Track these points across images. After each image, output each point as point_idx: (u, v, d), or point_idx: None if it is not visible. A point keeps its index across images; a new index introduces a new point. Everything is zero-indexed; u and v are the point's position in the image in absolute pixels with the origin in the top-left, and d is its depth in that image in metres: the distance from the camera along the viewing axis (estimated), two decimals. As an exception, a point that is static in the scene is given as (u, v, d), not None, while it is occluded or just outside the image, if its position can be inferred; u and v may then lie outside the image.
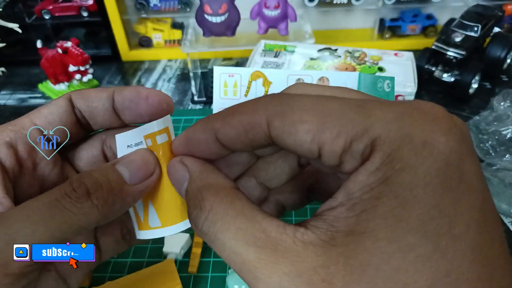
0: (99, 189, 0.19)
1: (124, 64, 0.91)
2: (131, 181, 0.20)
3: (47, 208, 0.18)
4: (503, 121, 0.63)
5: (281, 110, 0.16)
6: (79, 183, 0.19)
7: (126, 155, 0.21)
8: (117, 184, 0.20)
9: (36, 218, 0.18)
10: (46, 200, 0.18)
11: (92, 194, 0.19)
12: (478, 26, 0.72)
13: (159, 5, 0.88)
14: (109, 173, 0.20)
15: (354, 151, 0.15)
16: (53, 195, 0.18)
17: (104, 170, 0.20)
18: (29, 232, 0.17)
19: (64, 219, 0.18)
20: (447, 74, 0.74)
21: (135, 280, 0.41)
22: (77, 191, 0.19)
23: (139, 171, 0.21)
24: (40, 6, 0.89)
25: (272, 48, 0.65)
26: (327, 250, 0.14)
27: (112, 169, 0.20)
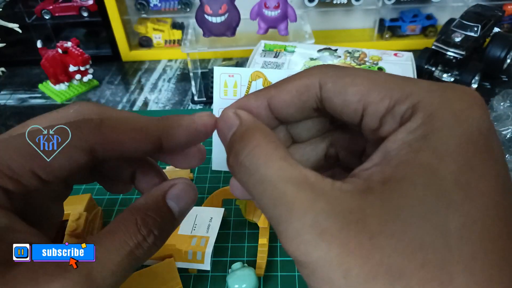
0: (162, 234, 0.20)
1: (124, 64, 0.91)
2: (178, 217, 0.21)
3: (127, 262, 0.19)
4: (503, 121, 0.63)
5: (335, 75, 0.18)
6: (148, 231, 0.19)
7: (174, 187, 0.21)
8: (170, 223, 0.21)
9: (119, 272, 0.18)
10: (125, 252, 0.19)
11: (158, 240, 0.20)
12: (478, 26, 0.72)
13: (159, 5, 0.88)
14: (165, 213, 0.21)
15: (396, 112, 0.16)
16: (128, 246, 0.19)
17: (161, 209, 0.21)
18: (112, 284, 0.18)
19: (136, 267, 0.19)
20: (447, 74, 0.74)
21: (135, 280, 0.41)
22: (148, 241, 0.19)
23: (186, 207, 0.22)
24: (40, 6, 0.89)
25: (272, 48, 0.65)
26: (363, 195, 0.15)
27: (165, 207, 0.21)
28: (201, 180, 0.56)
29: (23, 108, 0.78)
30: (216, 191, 0.52)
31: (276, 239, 0.47)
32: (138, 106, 0.77)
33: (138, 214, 0.20)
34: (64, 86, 0.81)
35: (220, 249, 0.47)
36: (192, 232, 0.46)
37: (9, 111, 0.78)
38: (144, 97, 0.80)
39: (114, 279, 0.18)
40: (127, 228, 0.19)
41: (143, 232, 0.19)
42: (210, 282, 0.44)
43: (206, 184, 0.56)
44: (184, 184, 0.22)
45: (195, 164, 0.24)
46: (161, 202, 0.21)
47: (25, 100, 0.81)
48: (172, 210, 0.21)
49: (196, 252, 0.44)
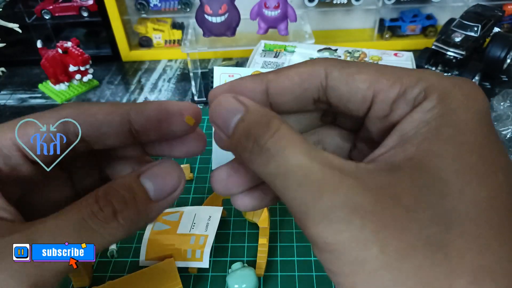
0: (125, 209, 0.18)
1: (124, 64, 0.91)
2: (155, 198, 0.20)
3: (75, 228, 0.17)
4: (503, 121, 0.63)
5: (340, 64, 0.18)
6: (106, 201, 0.18)
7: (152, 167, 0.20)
8: (142, 201, 0.19)
9: (63, 239, 0.17)
10: (74, 219, 0.18)
11: (119, 214, 0.18)
12: (478, 26, 0.72)
13: (159, 5, 0.88)
14: (135, 189, 0.19)
15: (408, 96, 0.16)
16: (79, 214, 0.18)
17: (130, 185, 0.19)
18: None
19: (90, 239, 0.18)
20: (447, 74, 0.74)
21: (135, 280, 0.41)
22: (104, 211, 0.18)
23: (164, 186, 0.20)
24: (40, 6, 0.89)
25: (272, 48, 0.65)
26: (391, 173, 0.15)
27: (137, 184, 0.19)
28: (201, 180, 0.56)
29: (23, 108, 0.78)
30: (216, 191, 0.52)
31: (277, 239, 0.47)
32: (138, 106, 0.77)
33: (102, 189, 0.19)
34: (64, 86, 0.81)
35: (220, 249, 0.47)
36: (190, 230, 0.46)
37: (9, 111, 0.78)
38: (144, 97, 0.80)
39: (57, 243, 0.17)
40: (85, 199, 0.18)
41: (100, 203, 0.18)
42: (210, 282, 0.44)
43: (206, 184, 0.56)
44: (164, 162, 0.20)
45: (195, 151, 0.22)
46: (132, 180, 0.19)
47: (25, 100, 0.81)
48: (146, 188, 0.19)
49: (195, 250, 0.44)
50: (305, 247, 0.47)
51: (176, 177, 0.20)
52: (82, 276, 0.42)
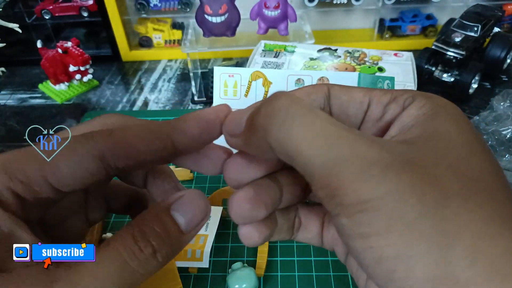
0: (163, 247, 0.19)
1: (125, 64, 0.91)
2: (186, 230, 0.20)
3: (119, 273, 0.17)
4: (503, 121, 0.63)
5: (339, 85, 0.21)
6: (146, 242, 0.18)
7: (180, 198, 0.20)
8: (176, 236, 0.19)
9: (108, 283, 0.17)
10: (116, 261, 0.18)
11: (157, 253, 0.18)
12: (478, 26, 0.72)
13: (159, 5, 0.88)
14: (168, 225, 0.19)
15: (399, 100, 0.19)
16: (121, 256, 0.18)
17: (163, 221, 0.19)
18: None
19: (132, 280, 0.18)
20: (447, 74, 0.74)
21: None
22: (144, 252, 0.18)
23: (194, 218, 0.20)
24: (40, 6, 0.89)
25: (272, 48, 0.65)
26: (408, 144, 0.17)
27: (169, 218, 0.19)
28: (201, 180, 0.56)
29: (23, 108, 0.78)
30: (216, 191, 0.52)
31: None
32: (138, 106, 0.77)
33: (137, 227, 0.19)
34: (64, 86, 0.81)
35: (220, 249, 0.47)
36: None
37: (9, 111, 0.78)
38: (144, 97, 0.80)
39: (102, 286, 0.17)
40: (122, 238, 0.18)
41: (140, 243, 0.18)
42: (210, 282, 0.44)
43: (206, 184, 0.56)
44: (191, 194, 0.20)
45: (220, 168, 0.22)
46: (164, 214, 0.19)
47: (25, 100, 0.81)
48: (177, 221, 0.20)
49: (195, 250, 0.44)
50: (305, 247, 0.47)
51: (203, 207, 0.20)
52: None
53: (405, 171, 0.15)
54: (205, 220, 0.21)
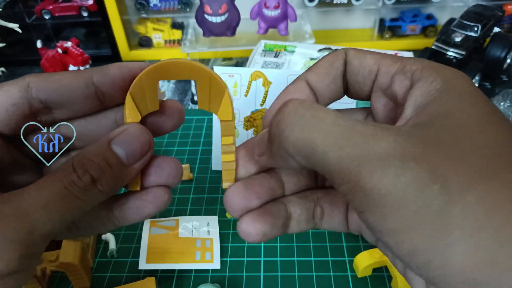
0: (102, 176, 0.20)
1: (124, 64, 0.91)
2: (128, 162, 0.21)
3: (59, 196, 0.19)
4: (503, 121, 0.63)
5: (356, 49, 0.22)
6: (83, 171, 0.19)
7: (120, 132, 0.21)
8: (117, 167, 0.20)
9: (50, 206, 0.18)
10: (57, 187, 0.19)
11: (97, 181, 0.19)
12: (478, 26, 0.72)
13: (159, 5, 0.88)
14: (107, 157, 0.20)
15: (407, 70, 0.19)
16: (61, 182, 0.19)
17: (102, 153, 0.20)
18: (46, 220, 0.18)
19: (74, 205, 0.19)
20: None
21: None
22: (83, 179, 0.19)
23: (135, 151, 0.21)
24: (40, 6, 0.89)
25: (272, 48, 0.65)
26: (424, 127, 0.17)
27: (109, 151, 0.20)
28: (201, 180, 0.56)
29: (23, 108, 0.78)
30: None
31: (277, 239, 0.47)
32: (138, 106, 0.77)
33: (76, 158, 0.20)
34: (64, 86, 0.81)
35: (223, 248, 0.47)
36: (193, 235, 0.47)
37: (9, 111, 0.77)
38: (144, 97, 0.80)
39: (47, 214, 0.18)
40: (62, 169, 0.19)
41: (78, 171, 0.19)
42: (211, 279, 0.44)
43: (206, 184, 0.56)
44: (133, 128, 0.21)
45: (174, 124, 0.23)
46: (103, 147, 0.20)
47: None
48: (117, 154, 0.20)
49: (204, 252, 0.45)
50: (305, 247, 0.47)
51: (145, 140, 0.21)
52: (81, 277, 0.42)
53: (424, 158, 0.15)
54: (149, 153, 0.21)
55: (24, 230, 0.18)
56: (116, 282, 0.44)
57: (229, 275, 0.44)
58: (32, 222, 0.18)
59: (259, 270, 0.44)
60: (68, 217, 0.19)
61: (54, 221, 0.18)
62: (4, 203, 0.18)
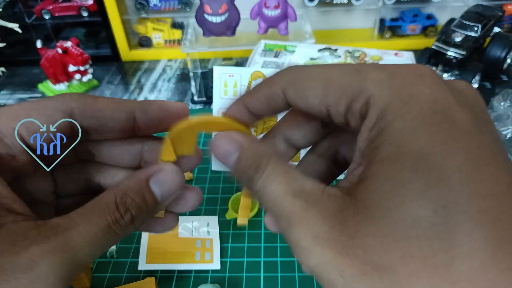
0: (140, 214, 0.21)
1: (124, 64, 0.91)
2: (161, 201, 0.22)
3: (103, 234, 0.20)
4: (503, 121, 0.63)
5: (293, 81, 0.19)
6: (125, 210, 0.20)
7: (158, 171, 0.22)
8: (152, 206, 0.22)
9: (95, 243, 0.19)
10: (102, 225, 0.20)
11: (135, 220, 0.21)
12: (478, 26, 0.72)
13: (159, 5, 0.88)
14: (146, 196, 0.21)
15: (354, 110, 0.17)
16: (106, 221, 0.20)
17: (142, 191, 0.21)
18: (90, 254, 0.19)
19: (113, 241, 0.20)
20: (447, 74, 0.74)
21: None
22: (125, 218, 0.20)
23: (170, 191, 0.22)
24: (40, 6, 0.89)
25: (272, 48, 0.65)
26: (344, 199, 0.16)
27: (148, 190, 0.21)
28: (201, 180, 0.56)
29: (22, 108, 0.78)
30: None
31: (276, 239, 0.47)
32: (138, 106, 0.77)
33: (118, 195, 0.21)
34: (63, 86, 0.81)
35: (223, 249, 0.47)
36: (193, 235, 0.47)
37: (9, 111, 0.77)
38: (144, 97, 0.80)
39: (90, 249, 0.19)
40: (107, 205, 0.20)
41: (121, 210, 0.20)
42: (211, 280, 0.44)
43: (206, 184, 0.56)
44: (170, 169, 0.22)
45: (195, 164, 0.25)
46: (143, 185, 0.21)
47: (25, 100, 0.80)
48: (154, 193, 0.22)
49: (204, 253, 0.45)
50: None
51: (179, 181, 0.23)
52: (81, 278, 0.42)
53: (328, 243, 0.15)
54: (179, 192, 0.23)
55: (71, 265, 0.18)
56: (116, 282, 0.44)
57: (229, 276, 0.44)
58: (79, 258, 0.19)
59: (259, 270, 0.44)
60: (105, 250, 0.21)
61: (95, 255, 0.20)
62: (52, 236, 0.18)
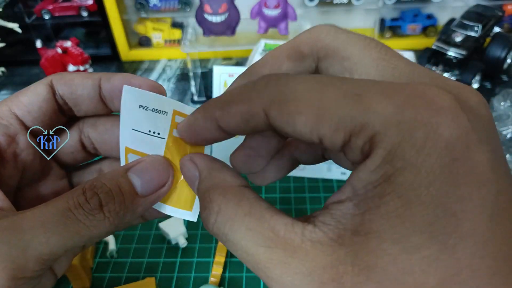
0: (111, 201, 0.19)
1: (124, 64, 0.91)
2: (142, 192, 0.20)
3: (61, 217, 0.18)
4: (503, 121, 0.63)
5: (277, 99, 0.15)
6: (92, 193, 0.19)
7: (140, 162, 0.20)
8: (129, 195, 0.19)
9: (49, 226, 0.17)
10: (60, 208, 0.18)
11: (104, 207, 0.19)
12: (478, 26, 0.72)
13: (159, 4, 0.87)
14: (121, 183, 0.19)
15: (354, 146, 0.14)
16: (66, 204, 0.18)
17: (116, 179, 0.19)
18: (43, 240, 0.17)
19: (76, 229, 0.18)
20: (447, 74, 0.74)
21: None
22: (90, 203, 0.18)
23: (152, 181, 0.20)
24: (40, 6, 0.89)
25: (272, 47, 0.65)
26: (335, 249, 0.14)
27: (124, 178, 0.20)
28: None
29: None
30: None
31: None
32: (138, 106, 0.77)
33: (89, 182, 0.19)
34: (63, 86, 0.81)
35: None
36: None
37: (9, 111, 0.77)
38: (144, 97, 0.80)
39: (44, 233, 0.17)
40: (73, 190, 0.19)
41: (87, 194, 0.18)
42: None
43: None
44: (151, 158, 0.20)
45: None
46: (120, 174, 0.20)
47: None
48: (133, 182, 0.20)
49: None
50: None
51: (164, 172, 0.20)
52: (81, 278, 0.42)
53: None
54: (166, 187, 0.20)
55: (17, 247, 0.17)
56: (116, 282, 0.44)
57: (229, 276, 0.44)
58: (27, 240, 0.17)
59: (259, 270, 0.44)
60: (68, 242, 0.18)
61: (51, 244, 0.17)
62: (4, 217, 0.18)
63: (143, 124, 0.20)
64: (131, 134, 0.20)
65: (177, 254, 0.47)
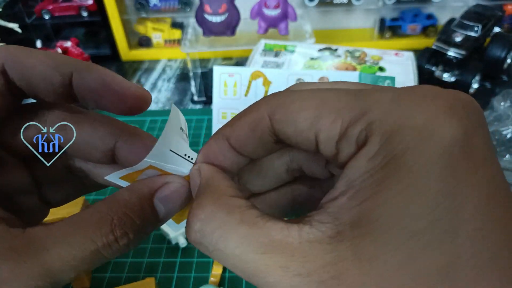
0: (138, 238, 0.18)
1: (124, 64, 0.91)
2: (162, 219, 0.19)
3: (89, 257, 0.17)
4: (503, 121, 0.63)
5: (282, 103, 0.16)
6: (123, 233, 0.18)
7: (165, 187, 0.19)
8: (151, 225, 0.19)
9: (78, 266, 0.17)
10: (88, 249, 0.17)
11: (131, 243, 0.18)
12: (478, 26, 0.72)
13: (159, 4, 0.87)
14: (149, 216, 0.19)
15: (350, 136, 0.14)
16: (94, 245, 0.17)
17: (146, 212, 0.19)
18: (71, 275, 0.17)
19: (99, 264, 0.18)
20: (447, 74, 0.74)
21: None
22: (120, 243, 0.18)
23: (173, 211, 0.20)
24: (40, 6, 0.89)
25: (272, 47, 0.65)
26: (334, 246, 0.13)
27: (151, 210, 0.19)
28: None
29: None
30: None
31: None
32: (138, 106, 0.77)
33: (117, 213, 0.18)
34: (63, 86, 0.81)
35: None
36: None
37: (9, 111, 0.77)
38: (144, 97, 0.80)
39: (71, 273, 0.17)
40: (100, 225, 0.17)
41: (117, 233, 0.17)
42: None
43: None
44: (177, 185, 0.20)
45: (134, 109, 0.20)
46: (147, 203, 0.19)
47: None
48: (157, 211, 0.19)
49: None
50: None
51: (185, 200, 0.20)
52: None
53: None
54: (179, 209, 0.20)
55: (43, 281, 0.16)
56: (116, 282, 0.44)
57: (229, 276, 0.44)
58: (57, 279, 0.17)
59: (259, 270, 0.44)
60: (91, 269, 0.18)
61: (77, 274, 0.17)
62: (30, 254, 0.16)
63: (180, 147, 0.20)
64: (165, 154, 0.19)
65: (177, 254, 0.47)
